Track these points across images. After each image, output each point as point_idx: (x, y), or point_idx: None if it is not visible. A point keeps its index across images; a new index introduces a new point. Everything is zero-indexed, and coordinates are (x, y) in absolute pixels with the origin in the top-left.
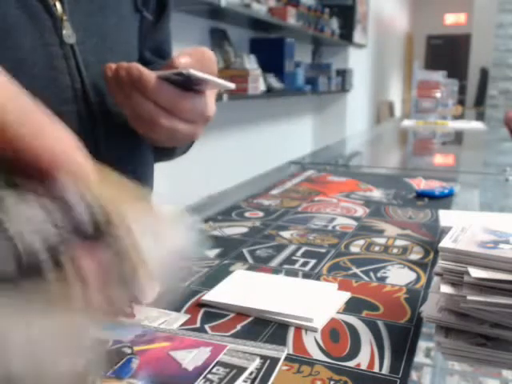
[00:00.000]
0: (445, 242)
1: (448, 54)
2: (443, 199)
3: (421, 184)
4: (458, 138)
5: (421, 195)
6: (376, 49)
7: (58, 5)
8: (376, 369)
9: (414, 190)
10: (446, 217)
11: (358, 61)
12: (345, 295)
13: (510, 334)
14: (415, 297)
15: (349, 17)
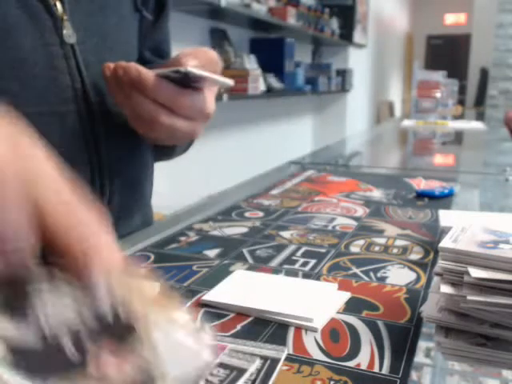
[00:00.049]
0: (445, 242)
1: (448, 53)
2: (443, 199)
3: (421, 184)
4: (457, 138)
5: (421, 195)
6: (376, 49)
7: (58, 5)
8: (376, 369)
9: (414, 190)
10: (446, 217)
11: (357, 61)
12: (345, 295)
13: (510, 333)
14: (415, 297)
15: (349, 17)
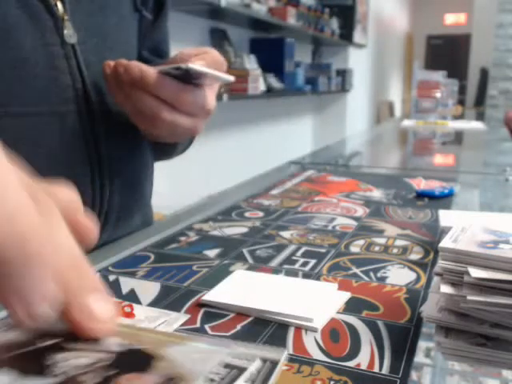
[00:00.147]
0: (445, 242)
1: (448, 53)
2: (443, 199)
3: (421, 184)
4: (457, 138)
5: (421, 195)
6: (376, 49)
7: (59, 5)
8: (376, 369)
9: (414, 190)
10: (446, 217)
11: (357, 61)
12: (345, 295)
13: (510, 333)
14: (415, 297)
15: (349, 17)
